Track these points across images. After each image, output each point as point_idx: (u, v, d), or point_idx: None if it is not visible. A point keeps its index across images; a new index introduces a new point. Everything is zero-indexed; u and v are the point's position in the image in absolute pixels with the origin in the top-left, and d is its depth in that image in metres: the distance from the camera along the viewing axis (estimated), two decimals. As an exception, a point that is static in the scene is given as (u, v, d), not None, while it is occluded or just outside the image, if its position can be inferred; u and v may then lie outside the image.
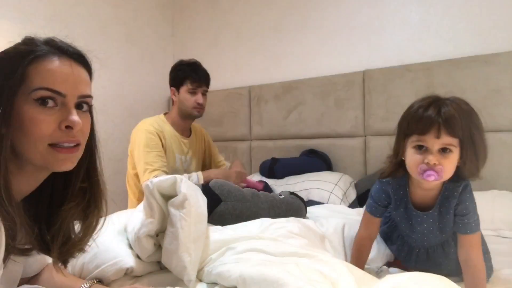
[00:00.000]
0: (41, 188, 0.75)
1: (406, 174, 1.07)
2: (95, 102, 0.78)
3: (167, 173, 1.71)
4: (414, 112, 0.99)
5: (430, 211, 1.08)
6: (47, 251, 0.77)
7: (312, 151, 2.34)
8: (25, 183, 0.71)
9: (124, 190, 1.96)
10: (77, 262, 1.01)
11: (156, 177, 1.62)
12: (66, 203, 0.76)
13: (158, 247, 1.04)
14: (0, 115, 0.64)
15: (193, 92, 1.89)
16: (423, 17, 2.13)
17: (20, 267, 0.79)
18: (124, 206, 1.89)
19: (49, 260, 0.94)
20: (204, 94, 1.93)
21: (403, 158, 1.03)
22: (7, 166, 0.64)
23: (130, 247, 1.05)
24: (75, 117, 0.68)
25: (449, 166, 0.96)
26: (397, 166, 1.07)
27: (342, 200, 1.93)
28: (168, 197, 1.02)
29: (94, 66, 0.79)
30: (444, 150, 0.96)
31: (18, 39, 0.73)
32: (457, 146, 0.96)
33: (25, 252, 0.72)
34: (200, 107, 1.92)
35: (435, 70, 2.01)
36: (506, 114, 1.85)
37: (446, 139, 0.94)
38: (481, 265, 1.01)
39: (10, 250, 0.66)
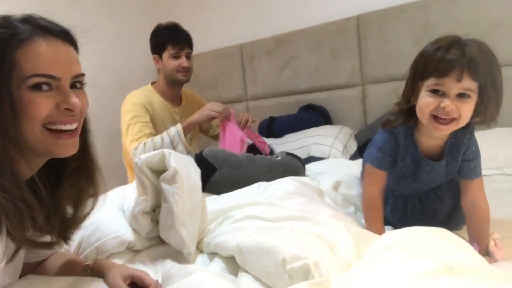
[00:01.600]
0: (38, 170, 0.75)
1: (412, 123, 1.00)
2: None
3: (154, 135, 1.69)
4: (433, 52, 0.89)
5: (441, 161, 1.02)
6: (46, 229, 0.77)
7: (309, 106, 2.29)
8: (26, 169, 0.71)
9: (123, 164, 1.95)
10: (77, 235, 1.00)
11: (140, 143, 1.62)
12: (63, 182, 0.77)
13: (157, 222, 1.03)
14: None
15: (176, 56, 1.82)
16: (416, -50, 1.98)
17: (22, 252, 0.79)
18: (124, 181, 1.89)
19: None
20: (188, 56, 1.86)
21: (415, 104, 0.95)
22: (10, 153, 0.64)
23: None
24: (74, 99, 0.68)
25: (466, 112, 0.89)
26: (408, 113, 0.98)
27: (343, 153, 1.91)
28: (159, 172, 1.00)
29: (79, 40, 0.75)
30: (461, 96, 0.87)
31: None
32: (475, 92, 0.87)
33: (44, 246, 0.74)
34: (186, 71, 1.85)
35: (431, 7, 1.90)
36: (508, 47, 1.76)
37: (467, 83, 0.86)
38: (487, 207, 0.99)
39: (25, 242, 0.68)
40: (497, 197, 1.32)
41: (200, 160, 1.19)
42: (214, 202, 1.05)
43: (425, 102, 0.90)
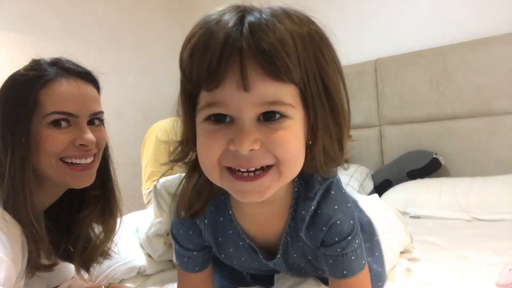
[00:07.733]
0: (60, 199, 0.79)
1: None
2: (109, 108, 0.81)
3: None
4: (191, 33, 0.47)
5: (279, 256, 0.59)
6: (69, 259, 0.81)
7: (326, 145, 2.31)
8: (45, 198, 0.76)
9: (141, 193, 1.99)
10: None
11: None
12: (83, 211, 0.80)
13: (170, 245, 1.05)
14: (18, 140, 0.68)
15: None
16: (433, 0, 2.06)
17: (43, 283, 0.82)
18: (142, 209, 1.92)
19: (73, 274, 0.97)
20: None
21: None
22: (31, 187, 0.68)
23: (142, 247, 1.06)
24: (89, 135, 0.72)
25: (288, 148, 0.45)
26: (193, 167, 0.55)
27: (358, 191, 1.91)
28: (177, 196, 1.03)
29: (105, 71, 0.81)
30: (269, 117, 0.44)
31: (31, 51, 0.75)
32: (295, 105, 0.45)
33: (50, 268, 0.75)
34: None
35: (448, 54, 1.95)
36: (526, 94, 1.78)
37: (268, 88, 0.43)
38: None
39: (38, 266, 0.70)
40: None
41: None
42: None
43: (199, 143, 0.48)
